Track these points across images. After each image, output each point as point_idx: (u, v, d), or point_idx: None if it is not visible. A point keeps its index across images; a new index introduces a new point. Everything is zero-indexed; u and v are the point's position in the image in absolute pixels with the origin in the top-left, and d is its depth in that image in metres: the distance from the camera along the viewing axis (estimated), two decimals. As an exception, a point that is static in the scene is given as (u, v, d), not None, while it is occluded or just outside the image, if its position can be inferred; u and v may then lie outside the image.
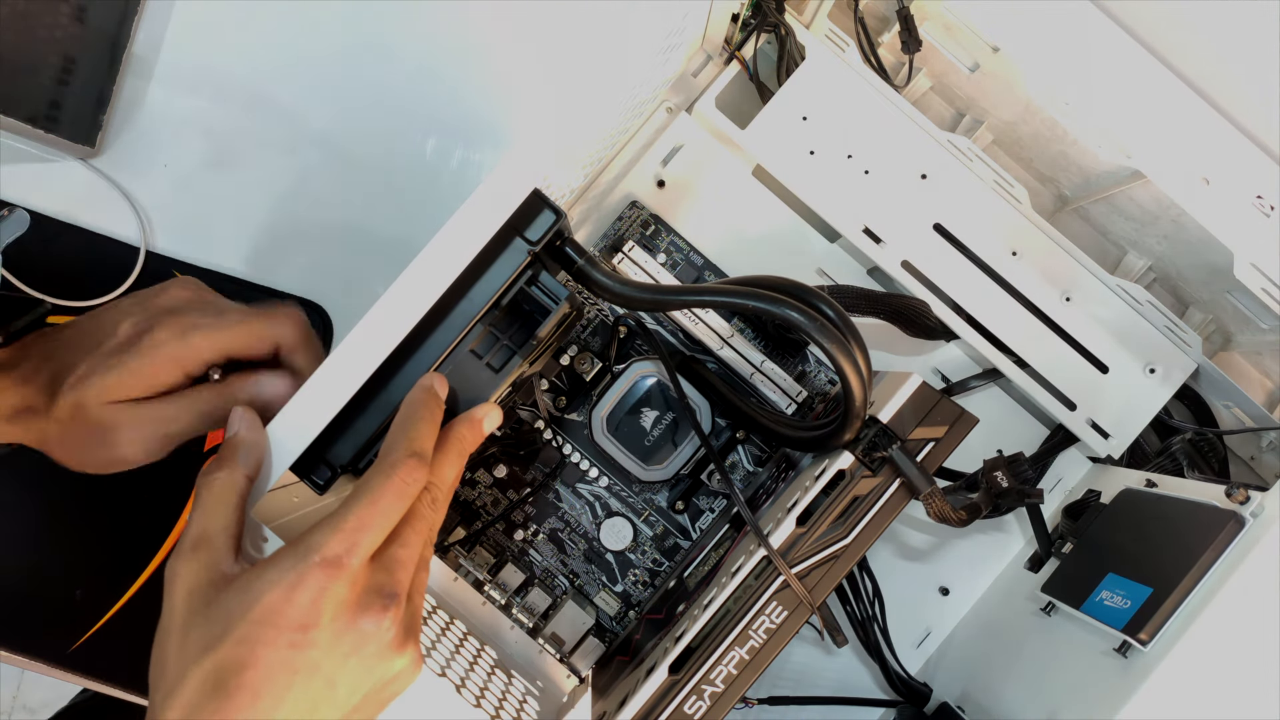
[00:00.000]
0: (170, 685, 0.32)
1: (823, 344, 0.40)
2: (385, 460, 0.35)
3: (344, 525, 0.33)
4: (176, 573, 0.34)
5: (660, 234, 0.58)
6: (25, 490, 0.57)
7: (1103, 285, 0.57)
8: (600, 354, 0.57)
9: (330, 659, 0.33)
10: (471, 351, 0.41)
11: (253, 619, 0.32)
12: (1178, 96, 0.43)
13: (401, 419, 0.37)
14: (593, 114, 0.43)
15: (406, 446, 0.35)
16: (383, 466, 0.35)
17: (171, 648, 0.33)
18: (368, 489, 0.34)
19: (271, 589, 0.32)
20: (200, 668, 0.32)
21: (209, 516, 0.35)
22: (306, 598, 0.32)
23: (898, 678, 0.58)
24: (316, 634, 0.32)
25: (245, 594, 0.33)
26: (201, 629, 0.33)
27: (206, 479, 0.36)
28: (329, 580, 0.33)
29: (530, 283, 0.41)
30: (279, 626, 0.32)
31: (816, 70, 0.56)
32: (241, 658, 0.32)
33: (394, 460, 0.35)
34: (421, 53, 0.60)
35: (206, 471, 0.36)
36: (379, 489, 0.34)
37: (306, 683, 0.32)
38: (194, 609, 0.33)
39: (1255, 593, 0.40)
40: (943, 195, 0.57)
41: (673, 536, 0.58)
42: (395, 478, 0.35)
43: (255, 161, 0.60)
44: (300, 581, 0.32)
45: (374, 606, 0.33)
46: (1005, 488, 0.46)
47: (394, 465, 0.35)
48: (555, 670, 0.56)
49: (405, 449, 0.35)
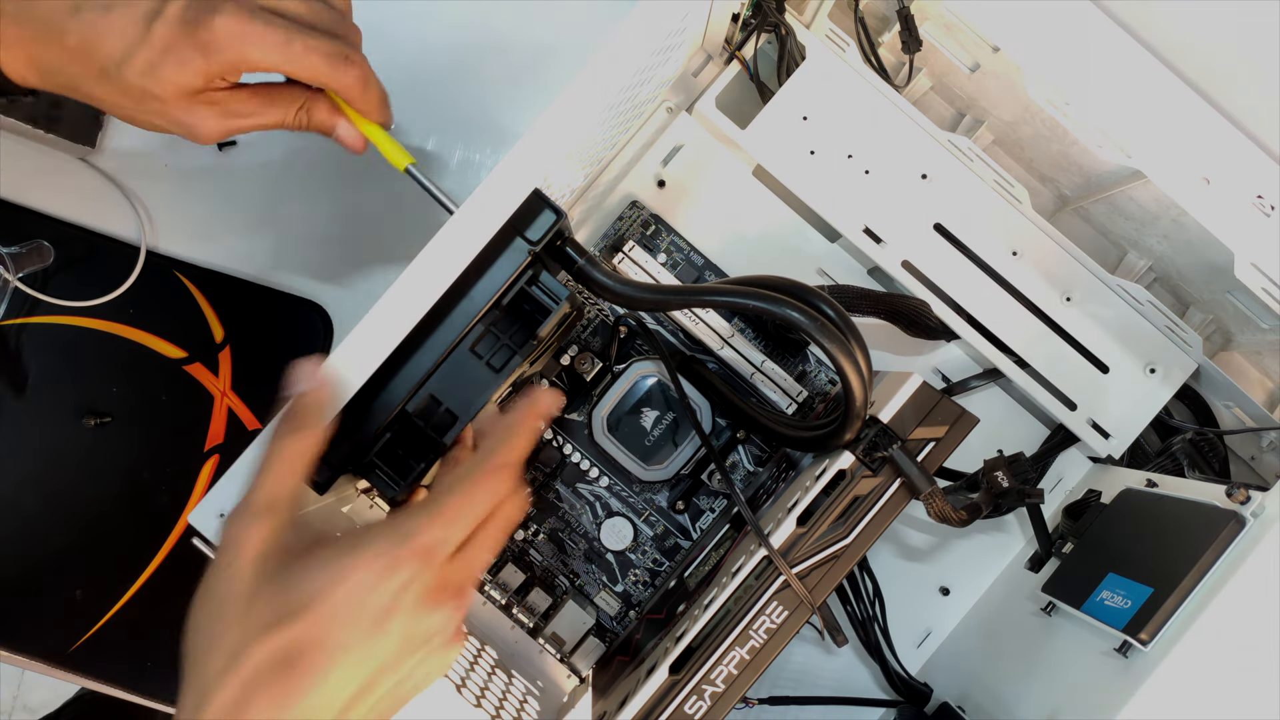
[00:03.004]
0: (229, 653, 0.31)
1: (823, 344, 0.40)
2: (487, 461, 0.34)
3: (441, 514, 0.33)
4: (245, 536, 0.32)
5: (660, 234, 0.58)
6: (26, 489, 0.57)
7: (1103, 285, 0.57)
8: (600, 354, 0.56)
9: (399, 647, 0.32)
10: (472, 351, 0.41)
11: (338, 597, 0.31)
12: (1178, 96, 0.43)
13: (509, 424, 0.36)
14: (593, 114, 0.43)
15: (507, 455, 0.35)
16: (484, 466, 0.34)
17: (231, 613, 0.31)
18: (466, 483, 0.34)
19: (363, 569, 0.31)
20: (268, 640, 0.30)
21: (279, 481, 0.34)
22: (396, 583, 0.31)
23: (898, 678, 0.58)
24: (395, 621, 0.31)
25: (332, 569, 0.31)
26: (273, 598, 0.31)
27: (278, 441, 0.35)
28: (421, 568, 0.32)
29: (531, 282, 0.41)
30: (365, 608, 0.31)
31: (817, 70, 0.56)
32: (318, 636, 0.30)
33: (496, 464, 0.34)
34: (421, 52, 0.60)
35: (279, 433, 0.35)
36: (476, 486, 0.34)
37: (372, 667, 0.32)
38: (265, 576, 0.32)
39: (1256, 593, 0.40)
40: (943, 195, 0.57)
41: (673, 536, 0.58)
42: (494, 480, 0.34)
43: (255, 161, 0.60)
44: (395, 566, 0.31)
45: (447, 603, 0.33)
46: (1006, 488, 0.46)
47: (496, 469, 0.34)
48: (555, 670, 0.56)
49: (506, 456, 0.35)
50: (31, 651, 0.56)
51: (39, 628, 0.57)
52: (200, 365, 0.59)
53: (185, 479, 0.58)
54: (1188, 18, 0.43)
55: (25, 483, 0.57)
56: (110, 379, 0.58)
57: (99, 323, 0.58)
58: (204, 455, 0.58)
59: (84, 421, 0.57)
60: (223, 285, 0.60)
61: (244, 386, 0.59)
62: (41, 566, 0.57)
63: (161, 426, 0.58)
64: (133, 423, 0.58)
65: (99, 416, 0.57)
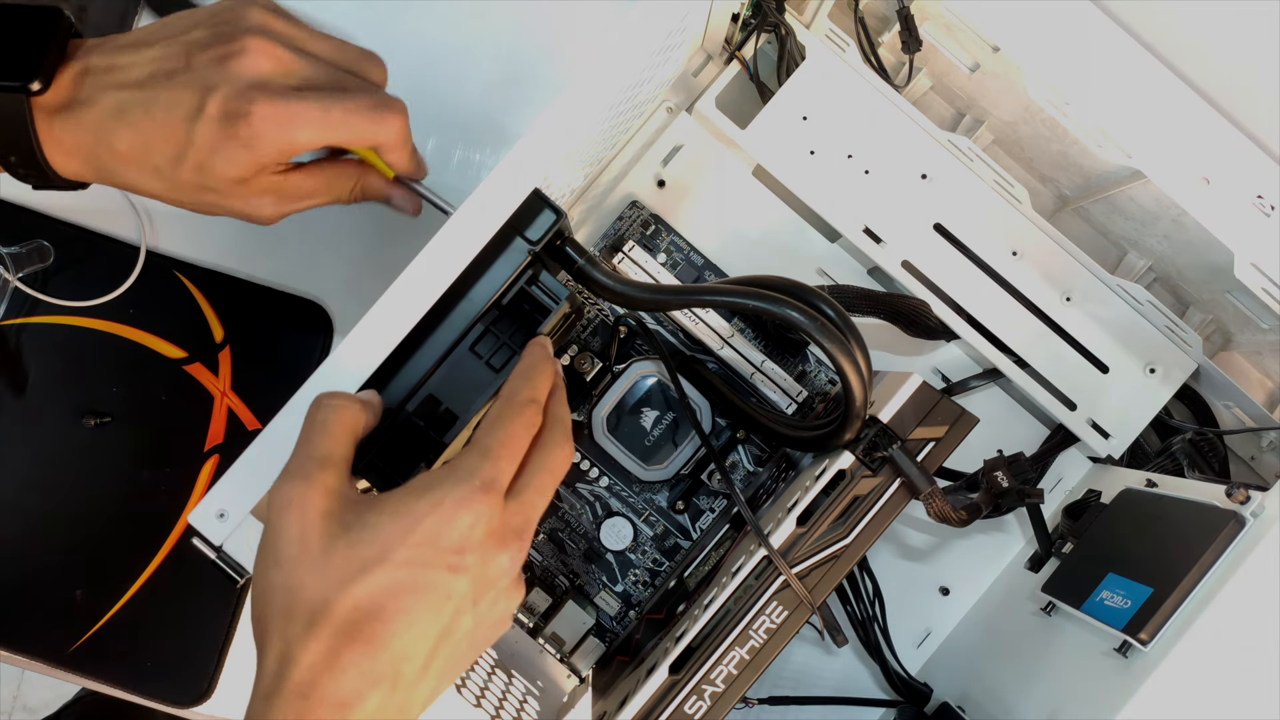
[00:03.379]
0: (310, 612, 0.30)
1: (823, 344, 0.40)
2: (513, 399, 0.35)
3: (489, 451, 0.33)
4: (301, 495, 0.32)
5: (660, 234, 0.58)
6: (26, 490, 0.57)
7: (1103, 285, 0.57)
8: (600, 354, 0.56)
9: (473, 585, 0.32)
10: (472, 351, 0.41)
11: (414, 541, 0.31)
12: (1178, 96, 0.43)
13: (523, 367, 0.37)
14: (593, 114, 0.43)
15: (531, 391, 0.36)
16: (511, 403, 0.35)
17: (307, 572, 0.31)
18: (499, 421, 0.34)
19: (435, 510, 0.31)
20: (349, 592, 0.30)
21: (334, 440, 0.34)
22: (467, 521, 0.32)
23: (898, 678, 0.58)
24: (468, 559, 0.32)
25: (403, 516, 0.32)
26: (349, 551, 0.31)
27: (331, 403, 0.34)
28: (488, 506, 0.32)
29: (531, 282, 0.41)
30: (440, 549, 0.31)
31: (817, 70, 0.56)
32: (402, 581, 0.31)
33: (521, 401, 0.35)
34: (421, 52, 0.60)
35: (330, 398, 0.35)
36: (508, 421, 0.34)
37: (452, 608, 0.32)
38: (333, 532, 0.31)
39: (1255, 593, 0.40)
40: (943, 195, 0.57)
41: (673, 536, 0.58)
42: (524, 414, 0.35)
43: (255, 161, 0.60)
44: (462, 504, 0.32)
45: (511, 543, 0.33)
46: (1005, 488, 0.46)
47: (522, 404, 0.35)
48: (555, 670, 0.56)
49: (530, 393, 0.36)
50: (31, 651, 0.56)
51: (39, 628, 0.57)
52: (200, 365, 0.59)
53: (185, 479, 0.58)
54: (1187, 18, 0.43)
55: (25, 483, 0.57)
56: (110, 379, 0.58)
57: (99, 323, 0.58)
58: (204, 455, 0.58)
59: (84, 421, 0.57)
60: (223, 285, 0.60)
61: (244, 386, 0.59)
62: (41, 566, 0.57)
63: (161, 426, 0.58)
64: (133, 423, 0.58)
65: (99, 416, 0.57)
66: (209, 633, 0.57)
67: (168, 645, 0.57)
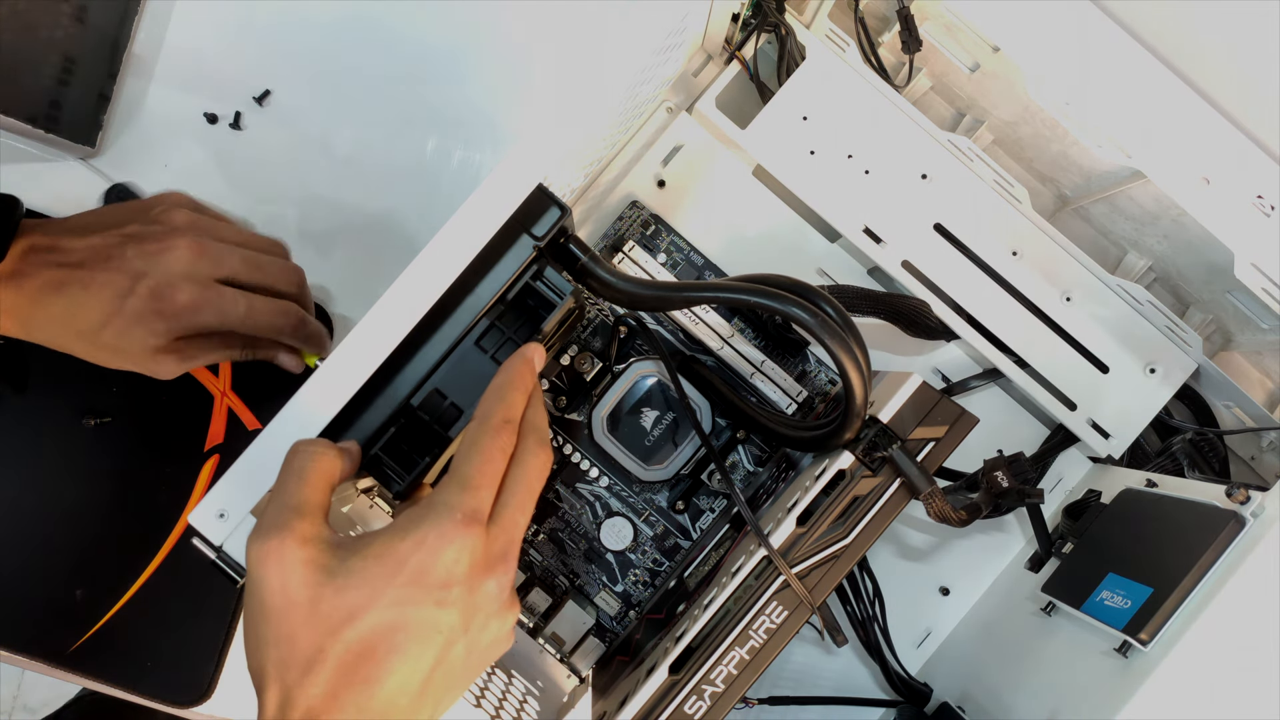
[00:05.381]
0: (306, 659, 0.31)
1: (824, 340, 0.40)
2: (487, 422, 0.35)
3: (471, 482, 0.34)
4: (279, 545, 0.32)
5: (660, 234, 0.59)
6: (26, 490, 0.57)
7: (1103, 285, 0.57)
8: (600, 354, 0.57)
9: (462, 615, 0.33)
10: (477, 345, 0.41)
11: (400, 582, 0.32)
12: (1178, 96, 0.43)
13: (498, 385, 0.37)
14: (593, 113, 0.43)
15: (504, 411, 0.36)
16: (484, 428, 0.35)
17: (298, 622, 0.31)
18: (474, 447, 0.35)
19: (418, 549, 0.32)
20: (344, 637, 0.31)
21: (310, 488, 0.34)
22: (451, 556, 0.32)
23: (898, 678, 0.58)
24: (455, 592, 0.32)
25: (387, 558, 0.32)
26: (336, 598, 0.32)
27: (308, 450, 0.35)
28: (471, 538, 0.33)
29: (535, 277, 0.41)
30: (426, 586, 0.32)
31: (817, 70, 0.56)
32: (392, 621, 0.31)
33: (495, 423, 0.35)
34: (422, 53, 0.60)
35: (308, 445, 0.35)
36: (483, 447, 0.35)
37: (443, 639, 0.33)
38: (318, 580, 0.32)
39: (1255, 593, 0.40)
40: (943, 195, 0.57)
41: (673, 536, 0.58)
42: (498, 437, 0.35)
43: (255, 162, 0.60)
44: (445, 539, 0.32)
45: (497, 566, 0.34)
46: (1005, 488, 0.46)
47: (496, 428, 0.35)
48: (555, 670, 0.56)
49: (503, 414, 0.36)
50: (31, 651, 0.56)
51: (39, 628, 0.57)
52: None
53: (185, 479, 0.58)
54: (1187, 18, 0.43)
55: (25, 483, 0.57)
56: (110, 379, 0.58)
57: (99, 322, 0.58)
58: (204, 455, 0.58)
59: (84, 421, 0.57)
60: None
61: (244, 386, 0.59)
62: (41, 566, 0.57)
63: (161, 426, 0.58)
64: (133, 423, 0.58)
65: (99, 416, 0.57)
66: (209, 633, 0.57)
67: (168, 645, 0.57)
